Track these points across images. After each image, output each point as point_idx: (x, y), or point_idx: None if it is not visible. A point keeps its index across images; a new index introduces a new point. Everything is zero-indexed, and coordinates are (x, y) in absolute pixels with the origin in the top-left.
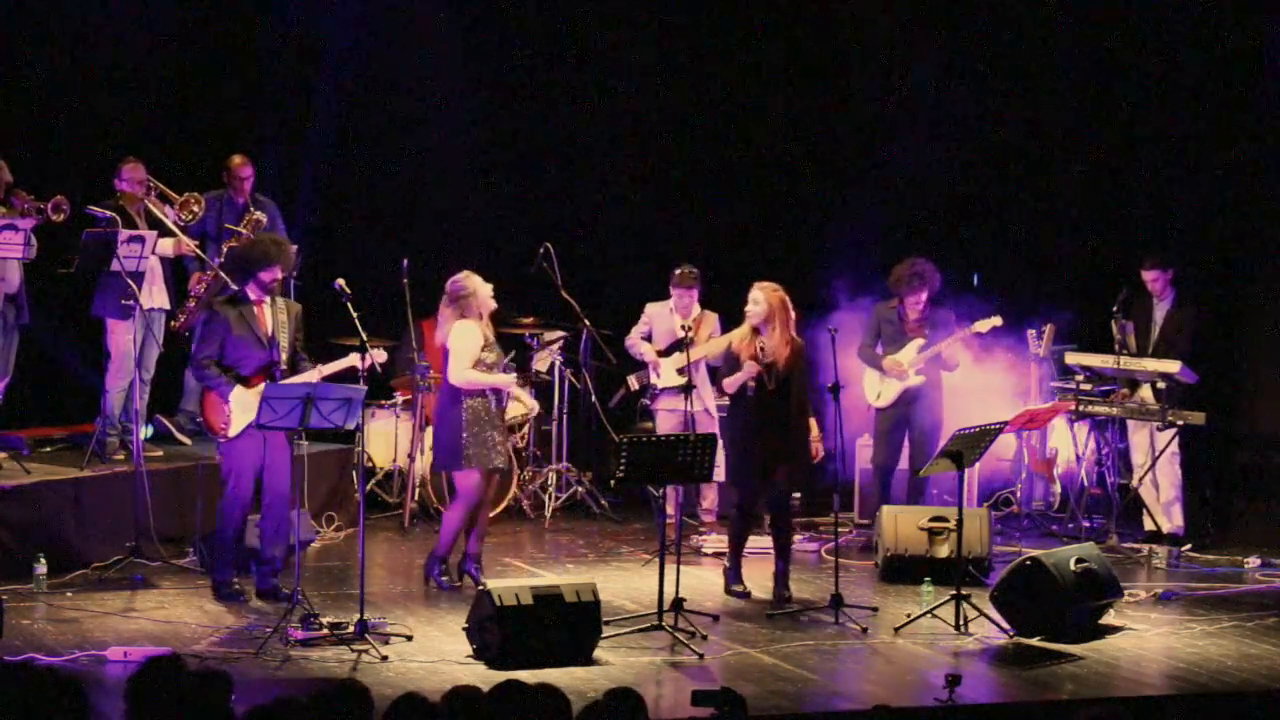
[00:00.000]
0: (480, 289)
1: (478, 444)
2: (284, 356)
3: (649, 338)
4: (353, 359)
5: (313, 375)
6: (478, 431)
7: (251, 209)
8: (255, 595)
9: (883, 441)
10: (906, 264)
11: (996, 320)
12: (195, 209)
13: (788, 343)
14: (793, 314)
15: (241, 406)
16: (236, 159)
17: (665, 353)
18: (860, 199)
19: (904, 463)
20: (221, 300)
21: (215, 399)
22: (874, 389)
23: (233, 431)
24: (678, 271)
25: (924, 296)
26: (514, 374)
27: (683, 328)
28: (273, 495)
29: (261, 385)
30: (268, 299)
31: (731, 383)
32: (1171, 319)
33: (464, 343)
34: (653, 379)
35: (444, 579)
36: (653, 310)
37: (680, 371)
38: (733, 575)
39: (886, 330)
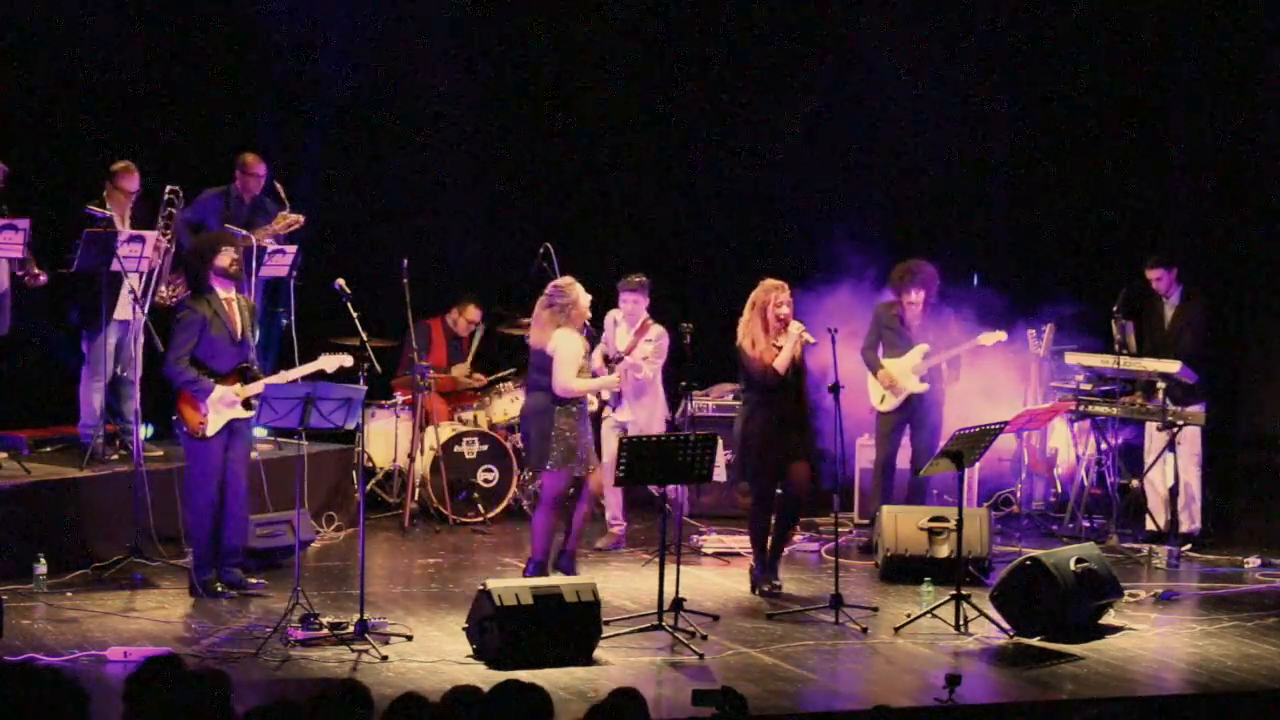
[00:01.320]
0: (581, 299)
1: (565, 449)
2: (252, 355)
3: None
4: (320, 363)
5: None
6: (568, 436)
7: (287, 210)
8: (220, 586)
9: (884, 442)
10: (906, 262)
11: (1001, 335)
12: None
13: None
14: None
15: (219, 406)
16: (250, 156)
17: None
18: (859, 199)
19: (903, 463)
20: (193, 298)
21: (191, 397)
22: (878, 392)
23: (210, 430)
24: (631, 277)
25: (921, 295)
26: (615, 375)
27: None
28: (232, 494)
29: (237, 385)
30: (234, 294)
31: (783, 362)
32: (1179, 315)
33: (569, 350)
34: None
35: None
36: (607, 323)
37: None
38: (759, 573)
39: (887, 335)
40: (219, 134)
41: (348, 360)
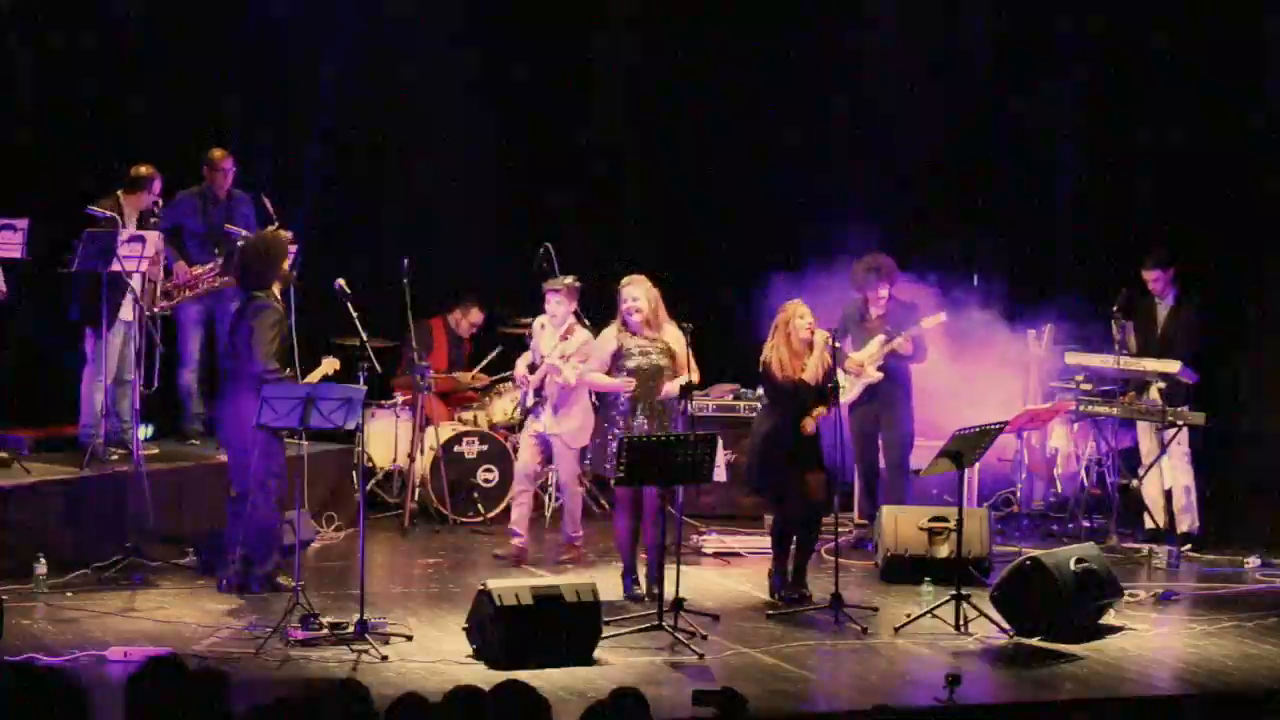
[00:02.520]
0: (623, 301)
1: (600, 449)
2: None
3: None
4: (324, 367)
5: None
6: (602, 440)
7: (275, 226)
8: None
9: (857, 443)
10: (864, 260)
11: (941, 316)
12: None
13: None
14: None
15: None
16: (218, 152)
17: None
18: (859, 199)
19: (883, 461)
20: (266, 295)
21: None
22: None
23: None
24: (556, 279)
25: (885, 291)
26: (633, 380)
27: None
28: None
29: None
30: None
31: (812, 373)
32: (1173, 317)
33: (597, 343)
34: (529, 400)
35: (634, 588)
36: (534, 328)
37: (538, 392)
38: (779, 581)
39: (854, 329)
40: (220, 134)
41: (336, 364)
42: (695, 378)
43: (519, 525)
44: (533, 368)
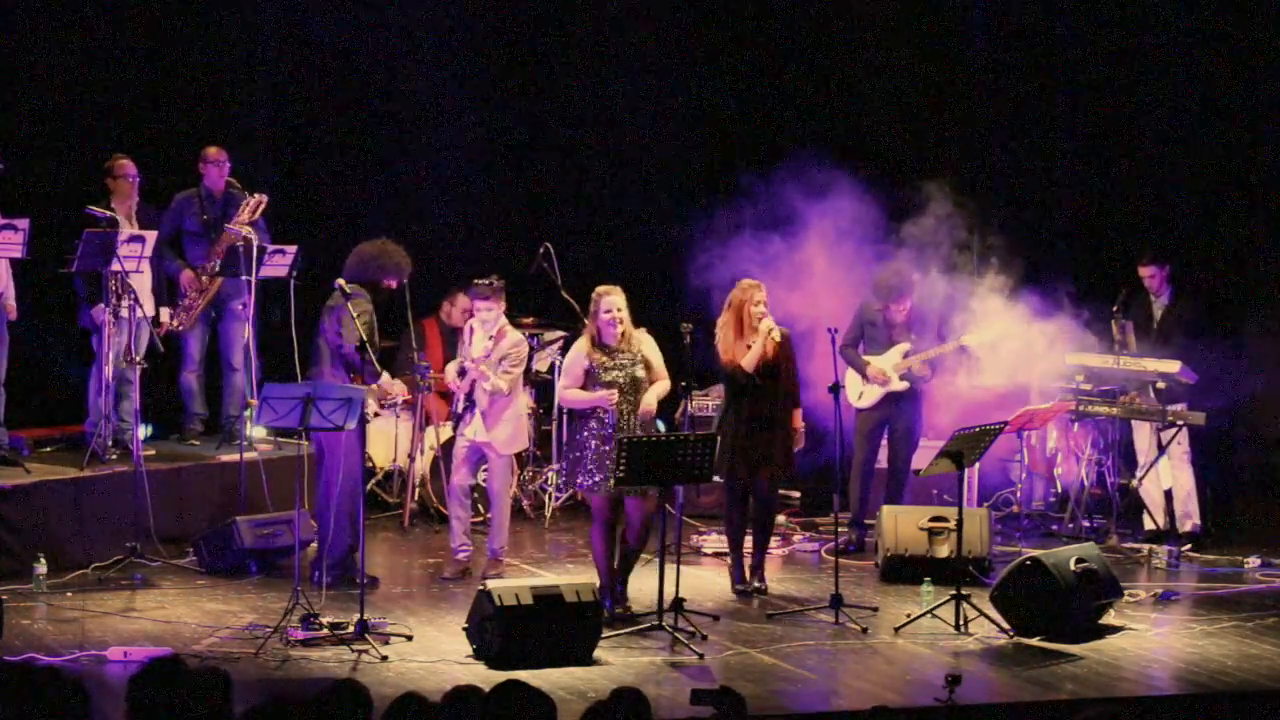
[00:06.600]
0: (598, 306)
1: (572, 464)
2: None
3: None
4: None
5: None
6: (576, 453)
7: (246, 191)
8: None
9: (863, 442)
10: (889, 271)
11: (984, 335)
12: None
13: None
14: None
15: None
16: (212, 149)
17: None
18: (856, 200)
19: (882, 462)
20: (364, 291)
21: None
22: (855, 389)
23: None
24: (481, 282)
25: (906, 304)
26: (615, 391)
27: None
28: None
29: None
30: None
31: (751, 360)
32: (1169, 314)
33: (567, 361)
34: (459, 406)
35: (616, 608)
36: (464, 332)
37: (468, 397)
38: (737, 575)
39: (870, 332)
40: (217, 134)
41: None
42: (666, 386)
43: (461, 539)
44: (463, 373)
